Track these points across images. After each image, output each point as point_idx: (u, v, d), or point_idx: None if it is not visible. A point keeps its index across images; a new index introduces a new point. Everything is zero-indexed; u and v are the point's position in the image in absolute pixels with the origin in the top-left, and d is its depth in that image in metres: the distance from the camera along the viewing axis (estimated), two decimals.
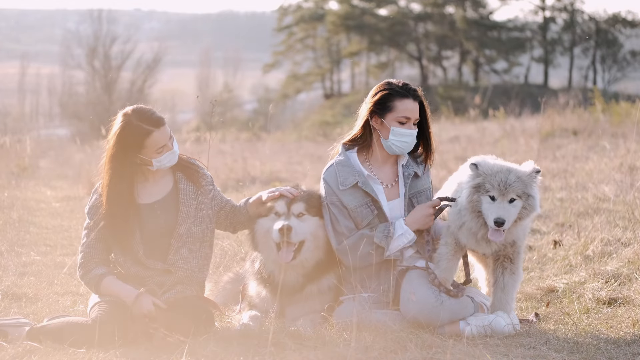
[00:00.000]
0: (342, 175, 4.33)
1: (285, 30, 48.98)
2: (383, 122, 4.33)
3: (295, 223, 4.22)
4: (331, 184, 4.34)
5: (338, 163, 4.38)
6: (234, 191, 9.72)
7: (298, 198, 4.29)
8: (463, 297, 4.18)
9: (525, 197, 3.98)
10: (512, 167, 4.03)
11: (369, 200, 4.30)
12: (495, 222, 3.94)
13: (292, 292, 4.31)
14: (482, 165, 4.03)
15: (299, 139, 22.60)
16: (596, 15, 43.12)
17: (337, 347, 3.69)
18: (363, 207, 4.29)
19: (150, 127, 4.15)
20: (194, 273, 4.33)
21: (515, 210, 3.97)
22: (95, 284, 4.18)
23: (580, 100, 19.13)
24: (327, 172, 4.40)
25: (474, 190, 4.02)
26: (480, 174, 4.00)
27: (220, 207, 4.46)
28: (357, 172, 4.33)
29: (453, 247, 4.20)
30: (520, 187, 3.95)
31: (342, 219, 4.29)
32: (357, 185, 4.30)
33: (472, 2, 44.45)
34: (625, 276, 5.09)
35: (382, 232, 4.23)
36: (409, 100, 4.31)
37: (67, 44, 42.25)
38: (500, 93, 34.11)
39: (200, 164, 4.52)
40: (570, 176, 9.45)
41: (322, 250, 4.30)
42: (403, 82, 4.38)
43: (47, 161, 17.86)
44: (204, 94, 44.56)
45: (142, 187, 4.32)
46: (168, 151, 4.23)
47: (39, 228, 8.28)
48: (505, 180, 3.95)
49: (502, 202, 3.95)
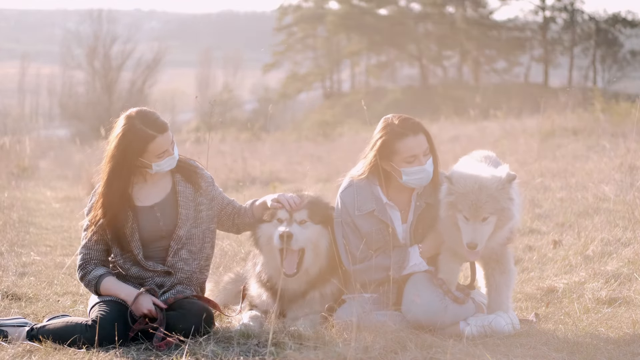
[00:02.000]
0: (359, 200, 4.26)
1: (285, 30, 48.96)
2: (392, 165, 4.22)
3: (297, 230, 4.20)
4: (347, 205, 4.28)
5: (357, 186, 4.29)
6: (234, 191, 9.72)
7: (301, 205, 4.27)
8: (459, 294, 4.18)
9: (499, 212, 3.92)
10: (484, 182, 3.90)
11: (384, 227, 4.25)
12: (468, 245, 3.92)
13: (294, 298, 4.31)
14: (455, 180, 3.95)
15: (299, 139, 22.60)
16: (596, 15, 43.13)
17: (337, 347, 3.68)
18: (376, 233, 4.24)
19: (154, 133, 4.13)
20: (194, 274, 4.33)
21: (489, 227, 3.93)
22: (95, 285, 4.18)
23: (580, 100, 19.13)
24: (345, 192, 4.31)
25: (449, 206, 3.98)
26: (453, 192, 3.94)
27: (222, 208, 4.45)
28: (375, 199, 4.26)
29: (452, 251, 4.20)
30: (492, 205, 3.89)
31: (354, 240, 4.26)
32: (373, 212, 4.25)
33: (472, 2, 44.43)
34: (625, 276, 5.09)
35: (397, 263, 4.19)
36: (410, 138, 4.17)
37: (67, 44, 42.26)
38: (500, 93, 34.12)
39: (199, 164, 4.51)
40: (570, 176, 9.45)
41: (324, 258, 4.27)
42: (401, 119, 4.23)
43: (47, 162, 17.87)
44: (204, 94, 44.59)
45: (140, 189, 4.31)
46: (169, 156, 4.22)
47: (38, 228, 8.28)
48: (477, 201, 3.87)
49: (474, 222, 3.91)
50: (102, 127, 14.13)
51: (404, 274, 4.22)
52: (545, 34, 43.82)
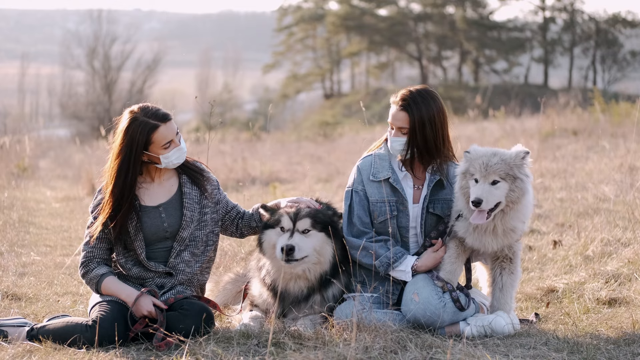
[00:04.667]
0: (376, 167, 4.37)
1: (285, 30, 48.96)
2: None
3: (299, 240, 4.20)
4: (363, 173, 4.38)
5: (377, 155, 4.42)
6: (234, 191, 9.72)
7: (304, 214, 4.26)
8: (465, 300, 4.18)
9: (511, 180, 3.98)
10: (499, 151, 4.06)
11: (394, 199, 4.31)
12: (473, 202, 3.95)
13: (296, 301, 4.31)
14: (472, 151, 4.09)
15: (299, 139, 22.62)
16: (596, 15, 43.10)
17: (337, 347, 3.68)
18: (384, 204, 4.31)
19: (157, 122, 4.17)
20: (195, 276, 4.34)
21: (499, 192, 3.97)
22: (96, 284, 4.18)
23: (580, 100, 19.13)
24: (363, 160, 4.44)
25: (462, 177, 4.08)
26: (468, 160, 4.06)
27: (226, 212, 4.47)
28: (392, 169, 4.36)
29: (456, 250, 4.21)
30: (503, 169, 3.96)
31: (358, 210, 4.33)
32: (387, 180, 4.32)
33: (472, 2, 44.42)
34: (625, 276, 5.09)
35: (388, 258, 4.23)
36: (395, 109, 4.35)
37: (67, 44, 42.19)
38: (500, 93, 34.12)
39: (206, 167, 4.52)
40: (570, 176, 9.45)
41: (326, 264, 4.28)
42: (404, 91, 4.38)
43: (47, 161, 17.87)
44: (204, 94, 44.54)
45: (147, 189, 4.32)
46: (175, 147, 4.23)
47: (38, 228, 8.28)
48: (487, 162, 3.97)
49: (483, 183, 3.97)
50: (102, 127, 14.14)
51: (388, 273, 4.23)
52: (545, 35, 43.82)
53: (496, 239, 4.12)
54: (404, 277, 4.24)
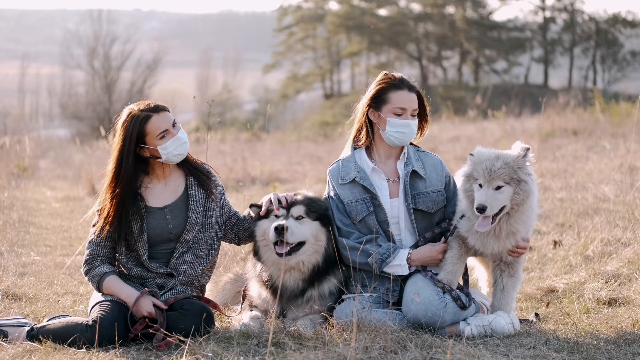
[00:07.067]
0: (344, 171, 4.40)
1: (285, 30, 48.96)
2: (380, 115, 4.37)
3: (293, 224, 4.22)
4: (333, 179, 4.43)
5: (344, 159, 4.46)
6: (234, 191, 9.72)
7: (299, 201, 4.30)
8: (466, 298, 4.18)
9: (515, 183, 3.97)
10: (502, 154, 4.03)
11: (367, 196, 4.33)
12: (477, 208, 3.94)
13: (293, 296, 4.31)
14: (476, 153, 4.07)
15: (299, 139, 22.62)
16: (596, 15, 43.08)
17: (337, 347, 3.68)
18: (358, 203, 4.33)
19: (149, 113, 4.21)
20: (196, 277, 4.35)
21: (503, 197, 3.96)
22: (98, 282, 4.19)
23: (580, 100, 19.13)
24: (332, 167, 4.48)
25: (466, 179, 4.07)
26: (472, 163, 4.05)
27: (228, 217, 4.48)
28: (358, 168, 4.38)
29: (458, 251, 4.21)
30: (507, 173, 3.95)
31: (337, 214, 4.36)
32: (355, 180, 4.33)
33: (472, 2, 44.42)
34: (625, 276, 5.09)
35: (381, 255, 4.23)
36: (404, 91, 4.34)
37: (67, 44, 42.20)
38: (500, 93, 34.10)
39: (213, 170, 4.53)
40: (570, 176, 9.46)
41: (320, 255, 4.29)
42: (400, 76, 4.41)
43: (47, 161, 17.87)
44: (203, 94, 44.54)
45: (153, 189, 4.33)
46: (171, 137, 4.23)
47: (38, 228, 8.28)
48: (491, 167, 3.96)
49: (487, 189, 3.96)
50: (102, 127, 14.14)
51: (384, 270, 4.23)
52: (545, 35, 43.81)
53: (498, 241, 4.11)
54: (400, 271, 4.23)
